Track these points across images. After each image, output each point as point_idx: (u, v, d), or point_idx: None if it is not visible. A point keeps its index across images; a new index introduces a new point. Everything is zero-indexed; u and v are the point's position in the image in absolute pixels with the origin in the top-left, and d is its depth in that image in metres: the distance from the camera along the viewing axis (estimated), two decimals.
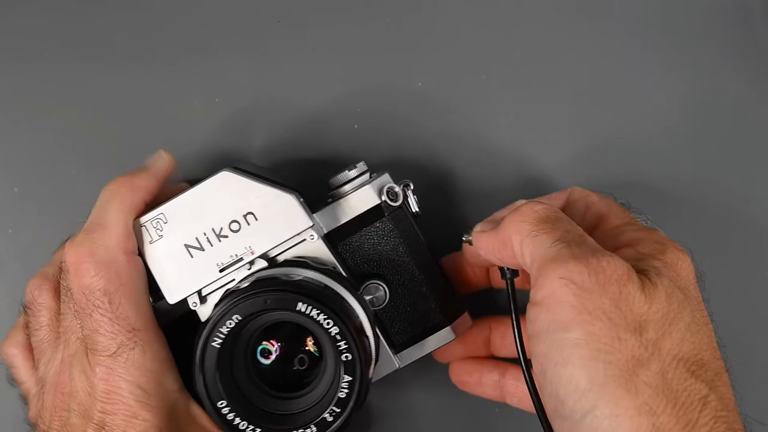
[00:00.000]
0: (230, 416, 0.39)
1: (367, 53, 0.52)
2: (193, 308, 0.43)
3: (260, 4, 0.52)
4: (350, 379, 0.39)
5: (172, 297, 0.43)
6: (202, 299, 0.43)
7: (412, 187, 0.46)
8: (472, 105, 0.52)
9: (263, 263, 0.43)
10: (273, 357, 0.42)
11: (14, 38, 0.51)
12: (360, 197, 0.45)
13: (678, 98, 0.52)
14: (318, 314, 0.39)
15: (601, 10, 0.52)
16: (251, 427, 0.39)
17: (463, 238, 0.44)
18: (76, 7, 0.51)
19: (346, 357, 0.39)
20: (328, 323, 0.39)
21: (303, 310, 0.39)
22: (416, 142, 0.52)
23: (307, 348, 0.43)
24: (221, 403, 0.39)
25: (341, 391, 0.39)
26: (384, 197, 0.45)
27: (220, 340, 0.39)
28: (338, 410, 0.39)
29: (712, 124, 0.52)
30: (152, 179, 0.44)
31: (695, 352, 0.34)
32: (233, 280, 0.43)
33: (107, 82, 0.51)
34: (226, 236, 0.42)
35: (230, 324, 0.39)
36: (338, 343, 0.39)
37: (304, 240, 0.43)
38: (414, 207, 0.47)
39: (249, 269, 0.43)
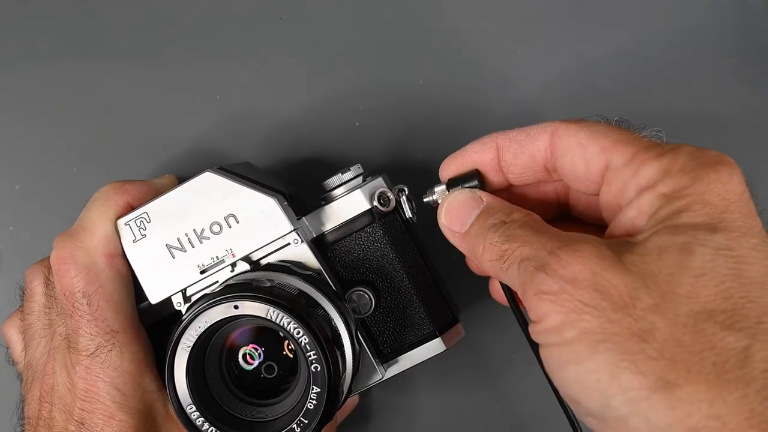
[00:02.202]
0: (198, 421, 0.39)
1: (368, 50, 0.51)
2: (177, 308, 0.43)
3: (262, 1, 0.51)
4: (318, 390, 0.38)
5: (153, 297, 0.43)
6: (187, 299, 0.43)
7: (406, 192, 0.45)
8: (474, 102, 0.51)
9: (246, 266, 0.42)
10: (256, 362, 0.42)
11: (14, 38, 0.52)
12: (350, 201, 0.44)
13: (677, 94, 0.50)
14: (288, 323, 0.38)
15: (602, 17, 0.51)
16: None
17: (425, 200, 0.41)
18: (77, 7, 0.51)
19: (315, 368, 0.38)
20: (298, 332, 0.38)
21: (273, 317, 0.38)
22: (418, 140, 0.51)
23: (284, 353, 0.42)
24: (190, 407, 0.39)
25: (310, 402, 0.38)
26: (375, 202, 0.44)
27: (190, 344, 0.39)
28: (306, 421, 0.38)
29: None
30: (144, 187, 0.44)
31: (725, 296, 0.29)
32: (217, 281, 0.42)
33: (108, 81, 0.52)
34: (207, 238, 0.42)
35: (200, 328, 0.38)
36: (308, 353, 0.38)
37: (288, 244, 0.42)
38: (408, 213, 0.45)
39: (232, 271, 0.42)
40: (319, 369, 0.38)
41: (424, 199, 0.42)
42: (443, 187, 0.41)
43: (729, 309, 0.29)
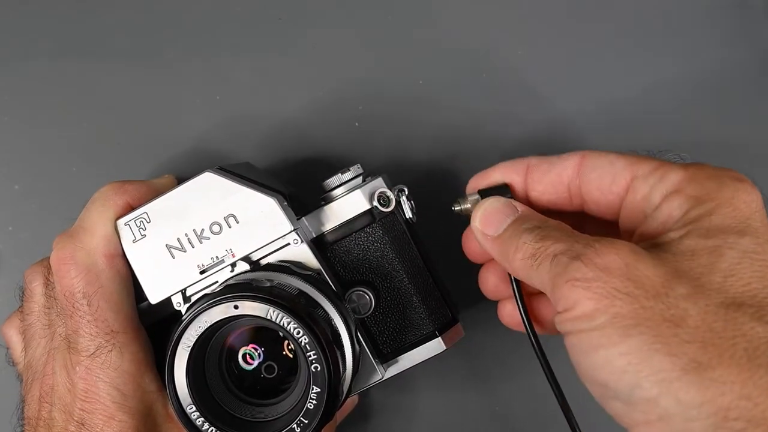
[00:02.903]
0: (198, 421, 0.39)
1: (367, 51, 0.51)
2: (177, 308, 0.43)
3: (261, 1, 0.51)
4: (318, 390, 0.38)
5: (153, 297, 0.43)
6: (186, 300, 0.43)
7: (406, 192, 0.45)
8: (473, 102, 0.51)
9: (246, 266, 0.42)
10: (256, 362, 0.42)
11: (14, 38, 0.52)
12: (349, 202, 0.44)
13: (677, 96, 0.50)
14: (288, 323, 0.38)
15: (600, 9, 0.51)
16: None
17: (454, 208, 0.43)
18: (77, 7, 0.51)
19: (315, 368, 0.38)
20: (298, 332, 0.38)
21: (273, 317, 0.38)
22: (418, 140, 0.51)
23: (284, 353, 0.42)
24: (190, 407, 0.39)
25: (310, 402, 0.38)
26: (375, 202, 0.44)
27: (190, 344, 0.39)
28: (306, 421, 0.38)
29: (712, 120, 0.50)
30: (144, 187, 0.44)
31: (753, 292, 0.32)
32: (216, 281, 0.42)
33: (108, 81, 0.52)
34: (207, 238, 0.42)
35: (200, 328, 0.38)
36: (308, 353, 0.38)
37: (288, 244, 0.42)
38: (408, 213, 0.45)
39: (232, 271, 0.42)
40: (319, 369, 0.38)
41: (454, 209, 0.43)
42: (477, 196, 0.43)
43: (756, 305, 0.31)
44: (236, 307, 0.38)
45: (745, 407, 0.29)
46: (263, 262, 0.43)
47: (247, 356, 0.42)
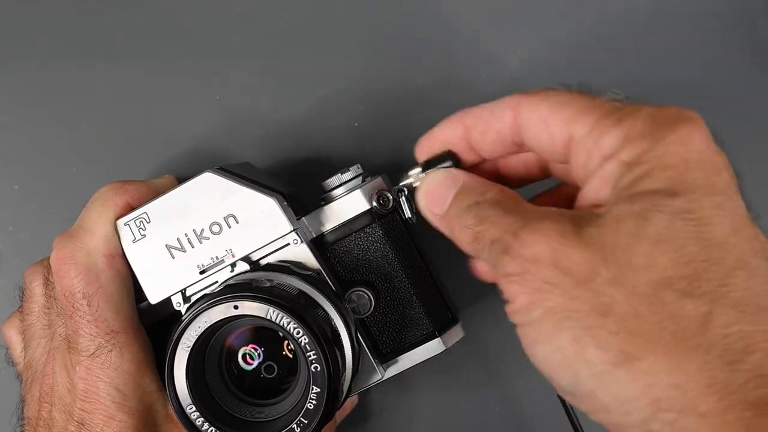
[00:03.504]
0: (198, 421, 0.39)
1: (368, 50, 0.51)
2: (177, 309, 0.43)
3: (261, 1, 0.51)
4: (318, 390, 0.38)
5: (153, 297, 0.43)
6: (186, 300, 0.43)
7: (406, 192, 0.45)
8: (474, 102, 0.50)
9: (246, 266, 0.42)
10: (256, 362, 0.42)
11: (14, 38, 0.52)
12: (349, 202, 0.44)
13: (677, 96, 0.49)
14: (288, 323, 0.38)
15: (600, 9, 0.51)
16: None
17: (401, 183, 0.40)
18: (77, 7, 0.51)
19: (315, 368, 0.38)
20: (297, 332, 0.38)
21: (272, 317, 0.38)
22: (417, 140, 0.51)
23: (284, 353, 0.42)
24: (190, 407, 0.39)
25: (310, 402, 0.38)
26: (374, 202, 0.44)
27: (190, 344, 0.39)
28: (305, 421, 0.38)
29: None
30: (144, 187, 0.44)
31: (685, 261, 0.29)
32: (216, 282, 0.42)
33: (108, 81, 0.52)
34: (207, 238, 0.42)
35: (200, 328, 0.38)
36: (308, 353, 0.38)
37: (288, 244, 0.42)
38: (407, 213, 0.45)
39: (231, 271, 0.42)
40: (318, 369, 0.38)
41: (400, 184, 0.41)
42: (418, 169, 0.40)
43: (689, 275, 0.29)
44: (236, 307, 0.38)
45: (674, 397, 0.28)
46: (263, 262, 0.43)
47: (247, 356, 0.42)
